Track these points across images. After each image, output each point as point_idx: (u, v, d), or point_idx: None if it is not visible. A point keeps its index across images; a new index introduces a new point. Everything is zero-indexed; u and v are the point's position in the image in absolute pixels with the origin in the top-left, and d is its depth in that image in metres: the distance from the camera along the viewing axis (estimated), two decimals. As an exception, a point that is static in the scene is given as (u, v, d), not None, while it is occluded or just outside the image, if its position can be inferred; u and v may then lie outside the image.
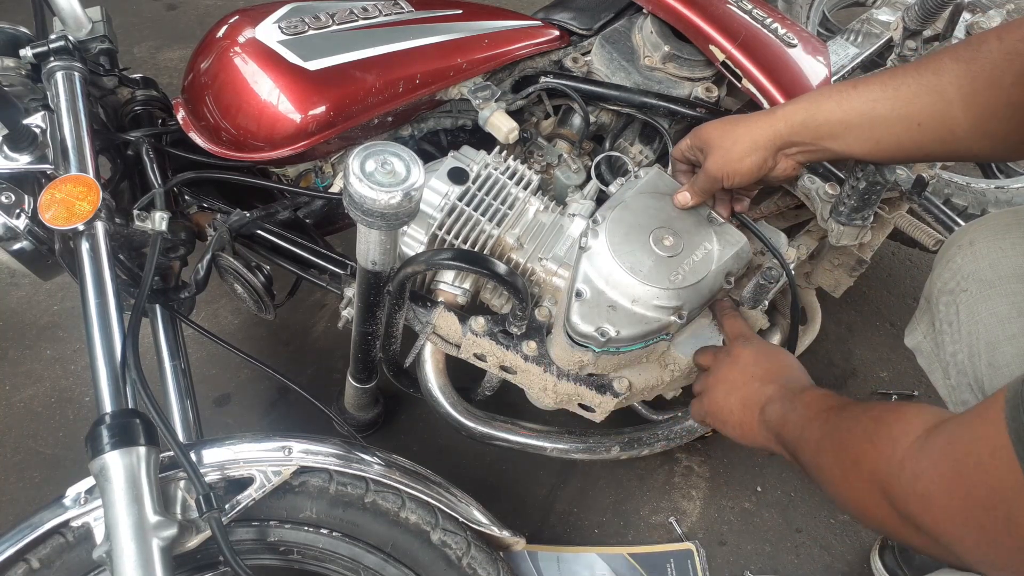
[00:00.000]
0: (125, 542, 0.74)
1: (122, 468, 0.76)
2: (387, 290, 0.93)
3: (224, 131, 1.08)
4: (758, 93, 1.19)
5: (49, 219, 0.85)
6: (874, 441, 0.65)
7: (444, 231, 1.03)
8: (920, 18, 1.47)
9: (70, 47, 0.99)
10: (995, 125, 0.78)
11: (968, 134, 0.80)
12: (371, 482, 0.92)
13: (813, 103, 0.89)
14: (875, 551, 1.33)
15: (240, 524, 0.88)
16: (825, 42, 1.39)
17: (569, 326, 0.94)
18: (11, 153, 0.92)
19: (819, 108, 0.88)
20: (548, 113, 1.29)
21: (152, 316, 1.06)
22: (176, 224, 1.05)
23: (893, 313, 1.76)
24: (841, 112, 0.86)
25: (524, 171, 1.12)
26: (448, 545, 0.91)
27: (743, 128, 0.93)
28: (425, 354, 1.08)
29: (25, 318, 1.56)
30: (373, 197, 0.73)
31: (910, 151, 0.86)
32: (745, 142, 0.92)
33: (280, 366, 1.20)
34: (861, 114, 0.85)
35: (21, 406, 1.44)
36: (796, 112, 0.89)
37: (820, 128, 0.88)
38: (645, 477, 1.43)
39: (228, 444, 0.89)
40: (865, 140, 0.86)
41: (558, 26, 1.29)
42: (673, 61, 1.24)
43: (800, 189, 1.11)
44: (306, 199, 1.18)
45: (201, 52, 1.12)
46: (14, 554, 0.81)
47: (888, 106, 0.83)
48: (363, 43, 1.11)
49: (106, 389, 0.81)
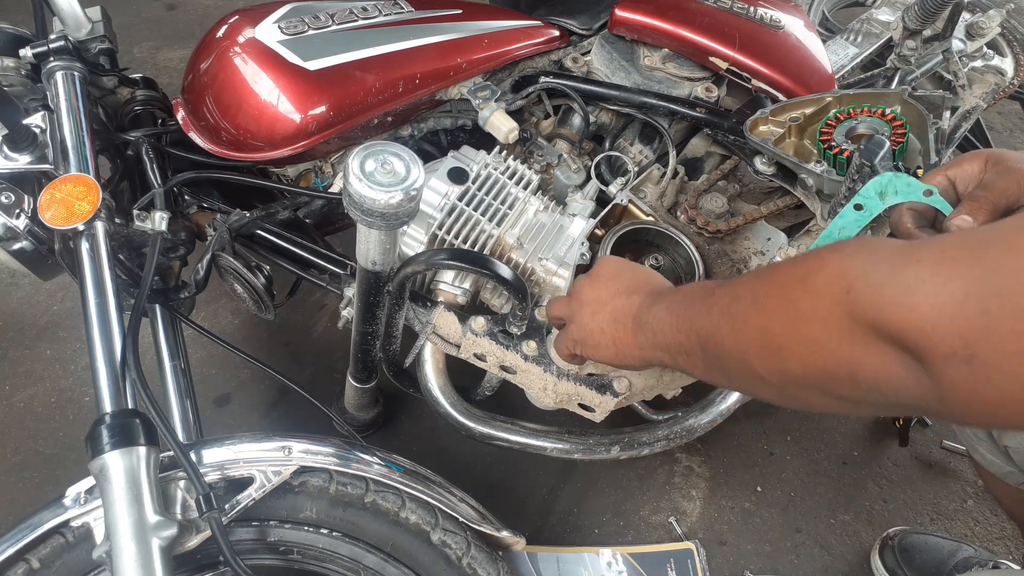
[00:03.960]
0: (125, 542, 0.74)
1: (122, 468, 0.76)
2: (387, 290, 0.93)
3: (224, 131, 1.08)
4: (770, 88, 1.19)
5: (49, 219, 0.85)
6: (825, 270, 0.52)
7: (444, 231, 1.03)
8: (920, 18, 1.47)
9: (70, 47, 0.99)
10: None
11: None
12: (371, 482, 0.91)
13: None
14: (875, 551, 1.33)
15: (240, 524, 0.87)
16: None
17: None
18: (11, 153, 0.92)
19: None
20: (548, 113, 1.29)
21: (152, 316, 1.06)
22: (176, 224, 1.05)
23: (893, 313, 1.76)
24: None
25: (524, 171, 1.12)
26: (448, 545, 0.91)
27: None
28: (425, 354, 1.07)
29: (25, 318, 1.56)
30: (373, 197, 0.73)
31: None
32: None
33: (280, 366, 1.20)
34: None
35: (21, 406, 1.44)
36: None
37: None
38: (645, 477, 1.43)
39: (228, 444, 0.89)
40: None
41: (558, 26, 1.29)
42: (673, 61, 1.24)
43: (800, 189, 1.12)
44: (306, 199, 1.18)
45: (201, 52, 1.12)
46: (14, 554, 0.81)
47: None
48: (363, 43, 1.11)
49: (106, 389, 0.81)
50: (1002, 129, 2.37)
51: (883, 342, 0.48)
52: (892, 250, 0.49)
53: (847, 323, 0.49)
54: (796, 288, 0.54)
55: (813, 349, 0.53)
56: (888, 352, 0.48)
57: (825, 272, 0.52)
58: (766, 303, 0.57)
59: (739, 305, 0.60)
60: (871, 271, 0.48)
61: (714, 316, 0.63)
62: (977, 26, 1.57)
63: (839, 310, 0.50)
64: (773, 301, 0.57)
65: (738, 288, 0.62)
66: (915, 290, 0.45)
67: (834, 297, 0.50)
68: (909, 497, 1.48)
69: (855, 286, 0.49)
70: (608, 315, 0.80)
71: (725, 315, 0.61)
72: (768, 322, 0.57)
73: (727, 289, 0.63)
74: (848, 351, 0.50)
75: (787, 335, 0.55)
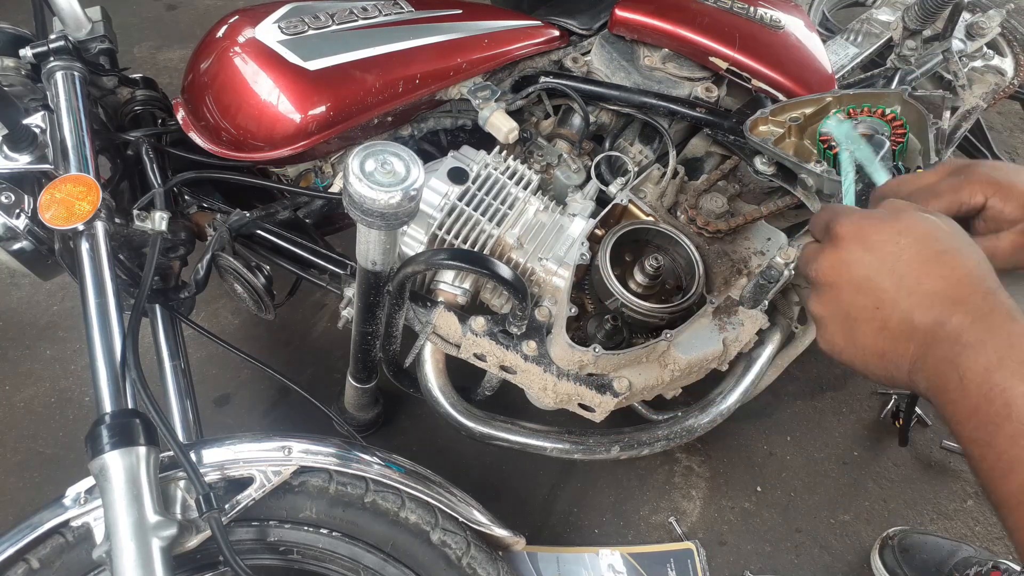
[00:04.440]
0: (125, 542, 0.74)
1: (122, 468, 0.76)
2: (387, 290, 0.93)
3: (224, 131, 1.08)
4: (770, 88, 1.19)
5: (49, 219, 0.85)
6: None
7: (444, 231, 1.02)
8: (920, 18, 1.47)
9: (70, 47, 0.99)
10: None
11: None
12: (371, 482, 0.91)
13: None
14: (875, 551, 1.33)
15: (240, 524, 0.87)
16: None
17: None
18: (11, 153, 0.92)
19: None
20: (548, 113, 1.29)
21: (152, 316, 1.06)
22: (176, 224, 1.05)
23: (893, 313, 1.76)
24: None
25: (524, 171, 1.12)
26: (448, 545, 0.91)
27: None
28: (425, 354, 1.08)
29: (25, 318, 1.56)
30: (373, 197, 0.73)
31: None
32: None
33: (280, 366, 1.20)
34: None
35: (21, 406, 1.44)
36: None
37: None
38: (645, 477, 1.43)
39: (228, 444, 0.89)
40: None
41: (558, 26, 1.29)
42: (673, 61, 1.24)
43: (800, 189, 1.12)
44: (306, 199, 1.18)
45: (201, 52, 1.12)
46: (14, 554, 0.81)
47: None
48: (363, 43, 1.11)
49: (106, 389, 0.81)
50: (1002, 129, 2.37)
51: None
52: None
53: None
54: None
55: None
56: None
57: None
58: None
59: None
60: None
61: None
62: (977, 26, 1.57)
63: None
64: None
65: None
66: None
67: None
68: (909, 497, 1.48)
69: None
70: (891, 323, 0.52)
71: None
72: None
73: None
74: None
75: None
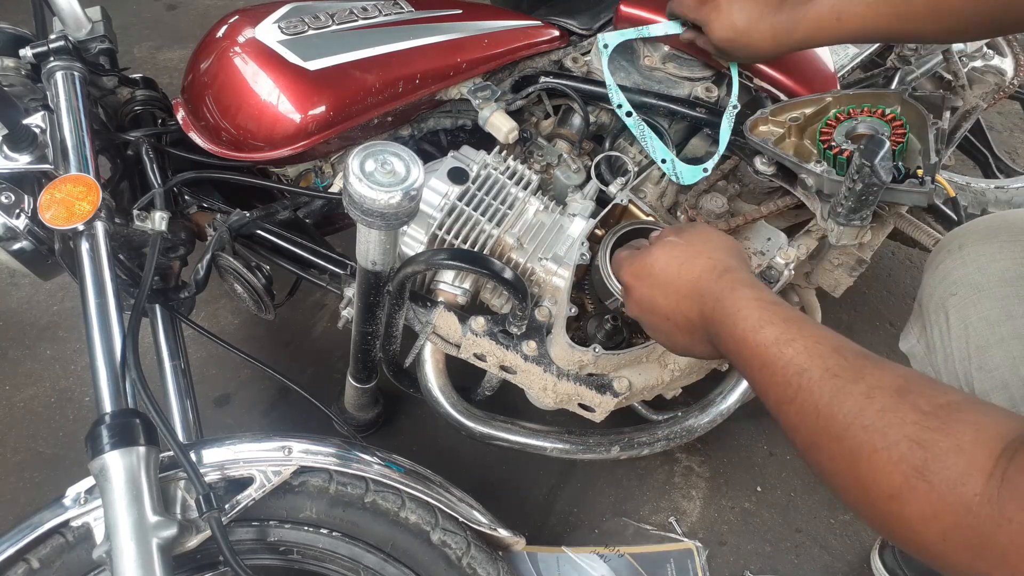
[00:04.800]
0: (125, 542, 0.74)
1: (122, 468, 0.76)
2: (387, 290, 0.93)
3: (224, 131, 1.08)
4: (773, 88, 1.19)
5: (49, 219, 0.85)
6: (926, 476, 0.48)
7: (444, 231, 1.03)
8: (920, 18, 1.47)
9: (70, 47, 0.99)
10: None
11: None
12: (371, 482, 0.92)
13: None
14: (875, 551, 1.33)
15: (240, 524, 0.88)
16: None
17: None
18: (11, 153, 0.92)
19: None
20: (548, 113, 1.29)
21: (152, 316, 1.06)
22: (176, 224, 1.05)
23: (892, 313, 1.76)
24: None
25: (524, 171, 1.12)
26: (448, 545, 0.91)
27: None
28: (425, 354, 1.08)
29: (25, 318, 1.56)
30: (373, 197, 0.73)
31: (872, 34, 0.92)
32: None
33: (280, 366, 1.20)
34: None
35: (21, 406, 1.44)
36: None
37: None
38: (645, 477, 1.43)
39: (228, 444, 0.89)
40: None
41: (558, 26, 1.29)
42: (673, 61, 1.24)
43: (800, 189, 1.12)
44: (306, 199, 1.18)
45: (201, 52, 1.12)
46: (14, 554, 0.81)
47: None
48: (363, 43, 1.11)
49: (106, 389, 0.81)
50: (1002, 129, 2.37)
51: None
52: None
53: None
54: (884, 499, 0.51)
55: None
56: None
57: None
58: (845, 469, 0.55)
59: (829, 450, 0.56)
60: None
61: (811, 421, 0.57)
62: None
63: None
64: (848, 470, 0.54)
65: (836, 428, 0.55)
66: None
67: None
68: (909, 497, 1.47)
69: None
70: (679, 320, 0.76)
71: (820, 438, 0.56)
72: (843, 483, 0.55)
73: (834, 399, 0.56)
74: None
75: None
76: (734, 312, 0.68)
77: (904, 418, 0.51)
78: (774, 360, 0.61)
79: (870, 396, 0.54)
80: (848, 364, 0.57)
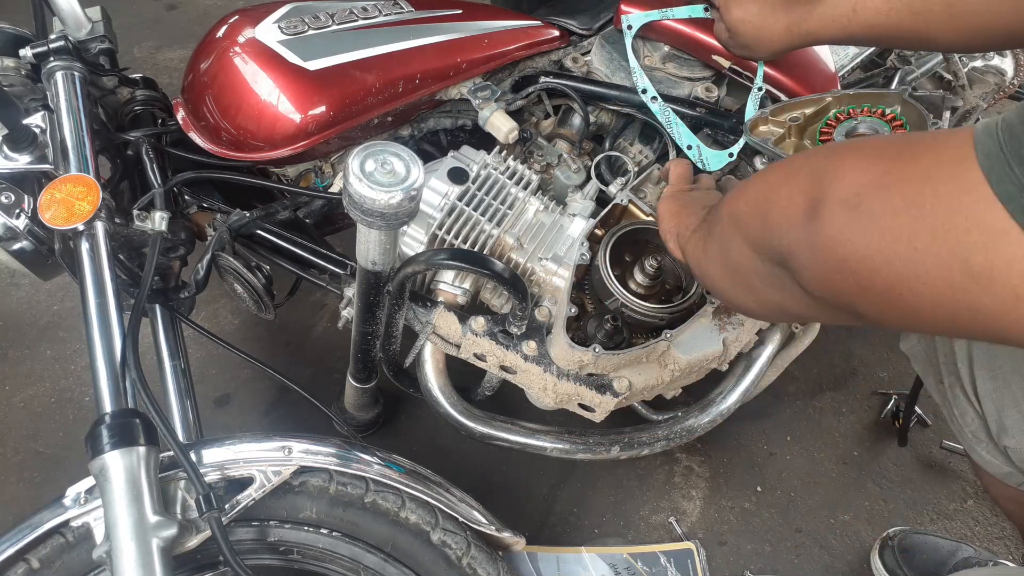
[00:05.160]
0: (125, 542, 0.74)
1: (122, 468, 0.76)
2: (387, 290, 0.93)
3: (224, 131, 1.08)
4: (773, 88, 1.19)
5: (49, 219, 0.85)
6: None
7: (444, 231, 1.03)
8: (920, 18, 1.47)
9: (70, 47, 0.99)
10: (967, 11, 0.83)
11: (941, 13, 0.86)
12: (371, 482, 0.92)
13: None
14: (875, 551, 1.33)
15: (240, 524, 0.88)
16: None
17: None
18: (11, 153, 0.92)
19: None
20: (548, 113, 1.29)
21: (152, 316, 1.06)
22: (176, 224, 1.05)
23: (893, 313, 1.76)
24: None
25: (524, 171, 1.12)
26: (448, 545, 0.91)
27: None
28: (425, 354, 1.08)
29: (25, 318, 1.56)
30: (373, 197, 0.73)
31: (885, 29, 0.91)
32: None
33: (280, 366, 1.20)
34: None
35: (21, 406, 1.44)
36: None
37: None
38: (645, 477, 1.43)
39: (228, 444, 0.89)
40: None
41: (558, 26, 1.29)
42: (673, 61, 1.24)
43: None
44: (306, 199, 1.18)
45: (201, 52, 1.12)
46: (14, 554, 0.81)
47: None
48: (363, 43, 1.11)
49: (106, 389, 0.81)
50: (1002, 129, 2.37)
51: (802, 197, 0.56)
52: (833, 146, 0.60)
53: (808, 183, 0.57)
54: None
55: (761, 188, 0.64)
56: (798, 197, 0.56)
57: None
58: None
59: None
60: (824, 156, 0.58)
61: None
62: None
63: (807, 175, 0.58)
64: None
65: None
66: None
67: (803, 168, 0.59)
68: (909, 497, 1.48)
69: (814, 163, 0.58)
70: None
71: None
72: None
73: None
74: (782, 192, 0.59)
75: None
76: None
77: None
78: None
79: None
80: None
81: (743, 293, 0.72)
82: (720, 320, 1.06)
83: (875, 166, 0.52)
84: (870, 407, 1.61)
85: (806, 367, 1.63)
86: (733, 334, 1.05)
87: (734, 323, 1.06)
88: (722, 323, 1.06)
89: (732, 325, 1.06)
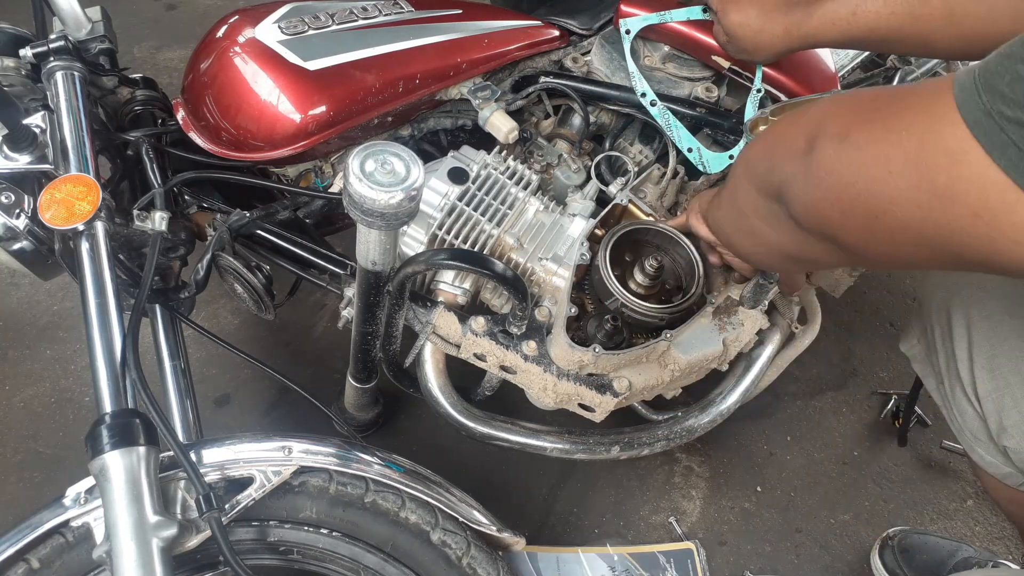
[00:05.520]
0: (125, 542, 0.74)
1: (122, 468, 0.76)
2: (387, 290, 0.93)
3: (224, 131, 1.08)
4: (773, 88, 1.19)
5: (49, 219, 0.85)
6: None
7: (444, 231, 1.03)
8: (920, 18, 1.46)
9: (70, 47, 0.99)
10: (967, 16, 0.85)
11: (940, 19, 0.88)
12: (371, 482, 0.92)
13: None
14: (875, 551, 1.33)
15: (240, 524, 0.87)
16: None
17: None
18: (11, 153, 0.92)
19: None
20: (548, 113, 1.29)
21: (152, 316, 1.06)
22: (176, 224, 1.05)
23: (893, 313, 1.76)
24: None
25: (524, 171, 1.12)
26: (448, 545, 0.91)
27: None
28: (425, 354, 1.08)
29: (25, 318, 1.56)
30: (373, 197, 0.73)
31: (884, 33, 0.93)
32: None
33: (280, 366, 1.20)
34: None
35: (21, 406, 1.44)
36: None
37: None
38: (645, 477, 1.43)
39: (228, 444, 0.89)
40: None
41: (558, 26, 1.29)
42: (673, 61, 1.24)
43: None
44: (306, 199, 1.18)
45: (201, 52, 1.12)
46: (14, 554, 0.81)
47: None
48: (363, 43, 1.11)
49: (106, 389, 0.81)
50: (1002, 129, 2.37)
51: (803, 136, 0.62)
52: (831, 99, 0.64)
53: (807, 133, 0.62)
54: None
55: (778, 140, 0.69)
56: (800, 136, 0.62)
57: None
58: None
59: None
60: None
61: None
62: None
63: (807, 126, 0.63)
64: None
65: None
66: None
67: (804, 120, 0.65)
68: (909, 497, 1.48)
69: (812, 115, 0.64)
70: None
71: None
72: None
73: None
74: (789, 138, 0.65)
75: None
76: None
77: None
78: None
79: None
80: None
81: (745, 237, 0.82)
82: (720, 320, 1.06)
83: (865, 104, 0.57)
84: (870, 407, 1.61)
85: (806, 367, 1.64)
86: (733, 334, 1.05)
87: (734, 323, 1.06)
88: (722, 323, 1.06)
89: (732, 325, 1.06)
